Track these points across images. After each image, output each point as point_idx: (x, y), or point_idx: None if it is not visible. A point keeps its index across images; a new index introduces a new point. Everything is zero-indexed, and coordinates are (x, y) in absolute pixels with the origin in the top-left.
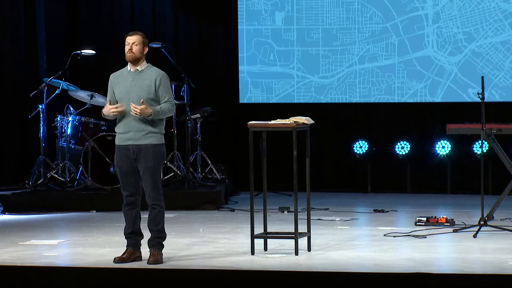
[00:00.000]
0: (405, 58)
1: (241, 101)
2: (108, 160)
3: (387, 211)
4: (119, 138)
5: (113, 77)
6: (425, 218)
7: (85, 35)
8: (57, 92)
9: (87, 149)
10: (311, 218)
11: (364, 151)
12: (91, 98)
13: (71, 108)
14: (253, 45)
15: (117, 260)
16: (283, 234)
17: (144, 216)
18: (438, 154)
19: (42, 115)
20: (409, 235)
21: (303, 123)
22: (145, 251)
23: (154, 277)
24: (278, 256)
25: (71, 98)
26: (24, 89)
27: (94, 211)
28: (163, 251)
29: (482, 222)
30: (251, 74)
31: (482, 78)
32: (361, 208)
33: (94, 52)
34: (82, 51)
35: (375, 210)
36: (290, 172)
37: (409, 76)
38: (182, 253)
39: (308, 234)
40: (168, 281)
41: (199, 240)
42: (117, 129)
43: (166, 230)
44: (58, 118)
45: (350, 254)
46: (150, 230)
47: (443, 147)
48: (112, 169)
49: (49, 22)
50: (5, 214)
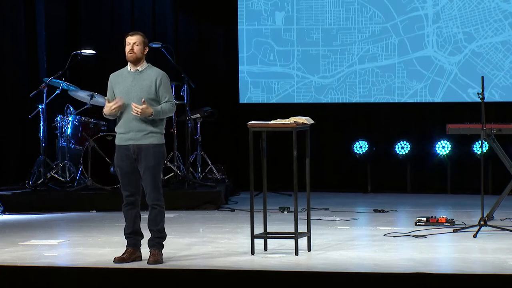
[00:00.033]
0: (405, 58)
1: (241, 101)
2: (108, 160)
3: (387, 211)
4: (120, 138)
5: (113, 77)
6: (425, 218)
7: (85, 35)
8: (57, 92)
9: (87, 149)
10: (311, 218)
11: (364, 151)
12: (91, 98)
13: (71, 108)
14: (253, 45)
15: (117, 260)
16: (283, 234)
17: (144, 216)
18: (438, 154)
19: (42, 115)
20: (409, 235)
21: (303, 123)
22: (145, 251)
23: (154, 277)
24: (278, 256)
25: (71, 98)
26: (24, 89)
27: (94, 211)
28: (163, 251)
29: (482, 222)
30: (251, 74)
31: (482, 78)
32: (361, 208)
33: (94, 52)
34: (82, 51)
35: (375, 210)
36: (290, 172)
37: (409, 76)
38: (182, 253)
39: (308, 234)
40: (168, 281)
41: (199, 240)
42: (117, 129)
43: (166, 230)
44: (58, 118)
45: (350, 254)
46: (150, 230)
47: (443, 147)
48: (112, 169)
49: (49, 22)
50: (5, 214)
